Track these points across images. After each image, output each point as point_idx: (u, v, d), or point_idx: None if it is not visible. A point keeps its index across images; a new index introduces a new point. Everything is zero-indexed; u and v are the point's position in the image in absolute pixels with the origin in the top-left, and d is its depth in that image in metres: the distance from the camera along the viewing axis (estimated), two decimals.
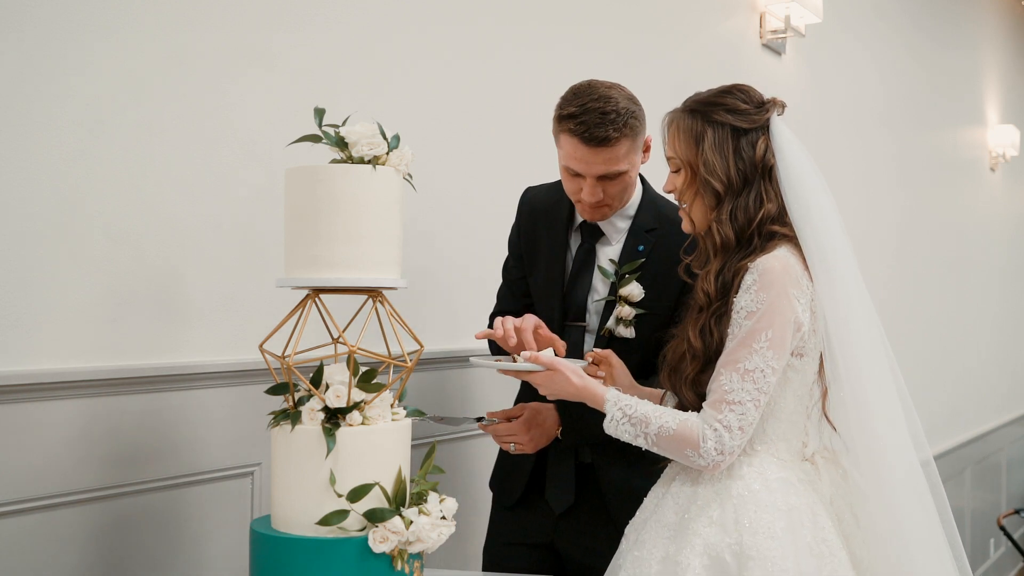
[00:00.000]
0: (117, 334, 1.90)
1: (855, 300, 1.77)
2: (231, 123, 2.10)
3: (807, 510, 1.72)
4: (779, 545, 1.66)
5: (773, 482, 1.73)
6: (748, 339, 1.69)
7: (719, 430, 1.69)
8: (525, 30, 2.89)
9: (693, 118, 1.82)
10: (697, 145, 1.80)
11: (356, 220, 1.70)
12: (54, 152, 1.81)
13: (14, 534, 1.74)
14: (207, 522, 2.04)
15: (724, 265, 1.77)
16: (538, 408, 2.12)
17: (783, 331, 1.70)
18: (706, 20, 3.77)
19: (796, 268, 1.73)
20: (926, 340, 5.76)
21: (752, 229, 1.76)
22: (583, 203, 2.11)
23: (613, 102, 2.02)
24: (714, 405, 1.71)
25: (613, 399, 1.77)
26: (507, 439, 2.13)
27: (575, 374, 1.81)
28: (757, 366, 1.69)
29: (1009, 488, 7.33)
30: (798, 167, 1.79)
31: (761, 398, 1.70)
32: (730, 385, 1.70)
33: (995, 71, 7.06)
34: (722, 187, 1.78)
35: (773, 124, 1.81)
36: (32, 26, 1.78)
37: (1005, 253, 7.34)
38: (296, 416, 1.70)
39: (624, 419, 1.75)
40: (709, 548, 1.68)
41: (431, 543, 1.69)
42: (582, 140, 2.01)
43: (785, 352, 1.71)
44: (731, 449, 1.69)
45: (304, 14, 2.25)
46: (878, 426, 1.74)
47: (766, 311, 1.69)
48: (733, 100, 1.81)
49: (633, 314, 2.09)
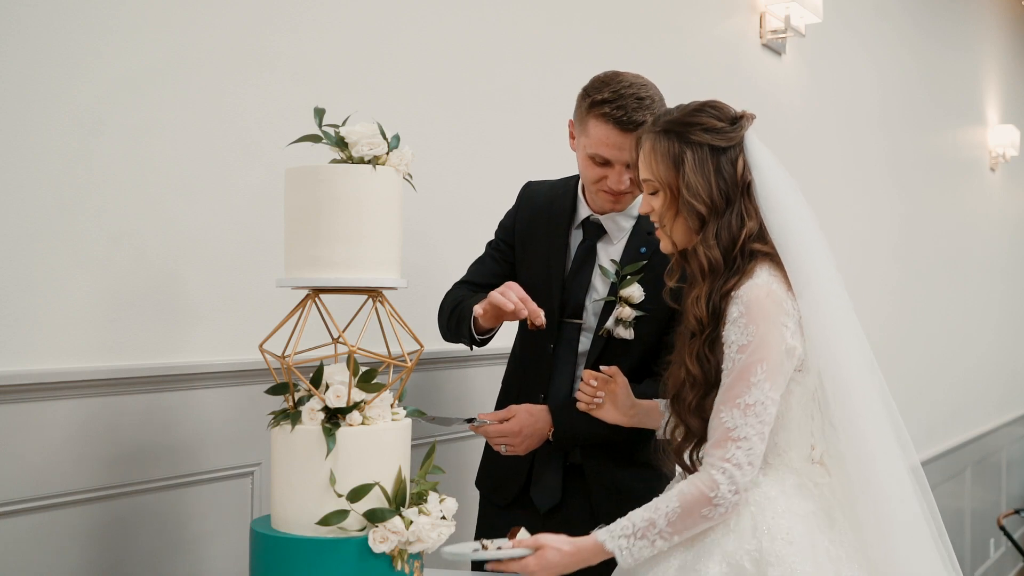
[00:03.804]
0: (117, 334, 1.90)
1: (839, 315, 1.75)
2: (231, 123, 2.10)
3: (823, 514, 1.71)
4: (798, 550, 1.64)
5: (790, 488, 1.72)
6: (744, 373, 1.66)
7: (729, 470, 1.66)
8: (525, 31, 2.89)
9: (669, 139, 1.77)
10: (677, 168, 1.76)
11: (356, 220, 1.70)
12: (54, 152, 1.81)
13: (14, 534, 1.74)
14: (207, 522, 2.05)
15: (712, 289, 1.74)
16: (530, 410, 2.11)
17: (777, 361, 1.67)
18: (706, 20, 3.76)
19: (779, 292, 1.70)
20: (926, 340, 5.76)
21: (736, 249, 1.73)
22: (606, 193, 2.10)
23: (646, 88, 2.03)
24: (719, 444, 1.67)
25: (609, 538, 1.69)
26: (498, 441, 2.12)
27: (561, 542, 1.71)
28: (757, 399, 1.66)
29: (1009, 488, 7.33)
30: (775, 182, 1.77)
31: (765, 430, 1.67)
32: (732, 422, 1.66)
33: (995, 71, 7.07)
34: (706, 209, 1.74)
35: (748, 139, 1.78)
36: (32, 26, 1.78)
37: (1005, 253, 7.34)
38: (296, 416, 1.70)
39: (633, 543, 1.67)
40: (727, 555, 1.66)
41: (431, 543, 1.69)
42: (617, 125, 2.00)
43: (782, 381, 1.69)
44: (744, 486, 1.66)
45: (304, 14, 2.25)
46: (866, 441, 1.72)
47: (758, 344, 1.66)
48: (708, 118, 1.77)
49: (633, 315, 2.08)
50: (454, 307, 2.18)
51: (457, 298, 2.20)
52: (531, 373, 2.21)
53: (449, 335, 2.22)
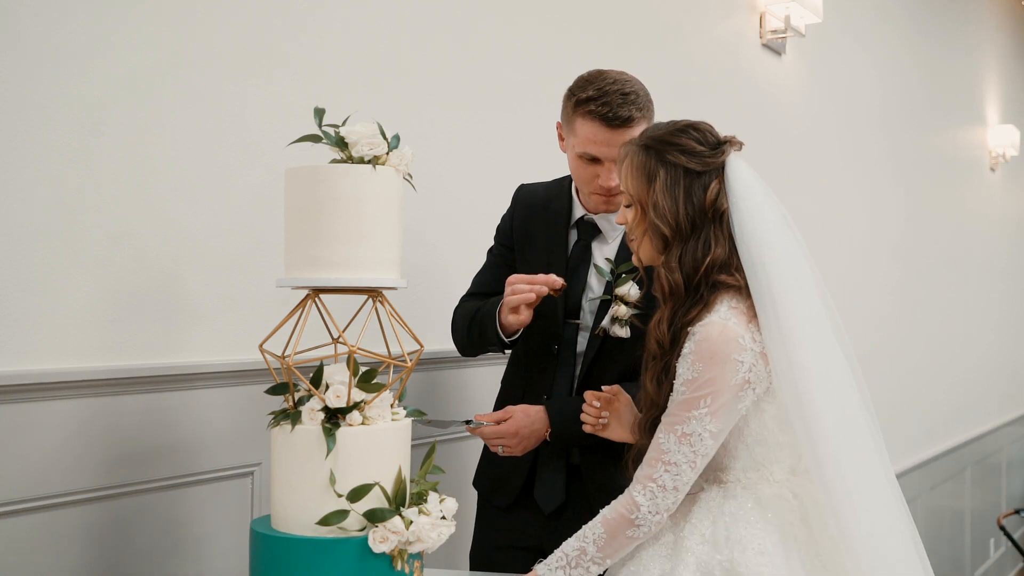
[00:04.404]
0: (117, 334, 1.90)
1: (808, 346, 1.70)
2: (231, 123, 2.10)
3: (801, 525, 1.71)
4: (769, 561, 1.65)
5: (766, 499, 1.72)
6: (687, 405, 1.67)
7: (653, 490, 1.68)
8: (525, 31, 2.89)
9: (647, 155, 1.75)
10: (649, 184, 1.74)
11: (356, 220, 1.70)
12: (54, 152, 1.81)
13: (14, 534, 1.74)
14: (207, 522, 2.05)
15: (675, 315, 1.73)
16: (527, 411, 2.11)
17: (727, 398, 1.67)
18: (706, 20, 3.77)
19: (736, 328, 1.67)
20: (926, 340, 5.76)
21: (699, 276, 1.71)
22: (597, 193, 2.10)
23: (630, 84, 2.05)
24: (650, 463, 1.70)
25: (547, 571, 1.71)
26: (496, 442, 2.12)
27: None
28: (695, 431, 1.67)
29: (1009, 488, 7.33)
30: (751, 212, 1.72)
31: (698, 460, 1.68)
32: (667, 446, 1.68)
33: (995, 71, 7.07)
34: (670, 232, 1.72)
35: (729, 165, 1.74)
36: (33, 26, 1.78)
37: (1005, 253, 7.34)
38: (296, 416, 1.70)
39: (571, 572, 1.70)
40: (701, 565, 1.67)
41: (431, 543, 1.69)
42: (604, 122, 2.01)
43: (728, 416, 1.68)
44: (666, 507, 1.68)
45: (304, 14, 2.25)
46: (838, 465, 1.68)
47: (704, 382, 1.66)
48: (688, 140, 1.74)
49: (629, 314, 2.08)
50: (471, 319, 2.18)
51: (470, 311, 2.20)
52: (535, 374, 2.21)
53: (471, 347, 2.23)
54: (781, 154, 4.20)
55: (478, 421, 2.11)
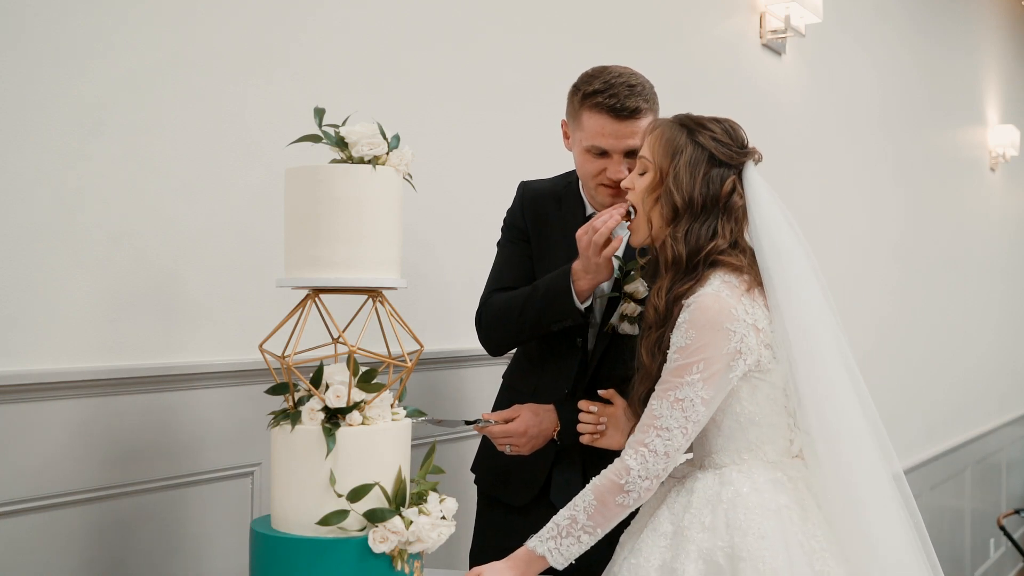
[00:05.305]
0: (117, 334, 1.90)
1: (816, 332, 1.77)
2: (231, 123, 2.10)
3: (796, 507, 1.74)
4: (769, 544, 1.68)
5: (762, 483, 1.75)
6: (680, 371, 1.72)
7: (644, 454, 1.71)
8: (525, 31, 2.89)
9: (680, 130, 1.83)
10: (673, 156, 1.81)
11: (356, 220, 1.70)
12: (54, 152, 1.81)
13: (14, 534, 1.74)
14: (207, 522, 2.05)
15: (672, 285, 1.79)
16: (535, 410, 2.10)
17: (720, 366, 1.71)
18: (706, 20, 3.77)
19: (728, 299, 1.74)
20: (926, 340, 5.76)
21: (700, 257, 1.78)
22: (605, 185, 2.09)
23: (636, 77, 2.07)
24: (642, 429, 1.73)
25: (538, 543, 1.73)
26: (503, 441, 2.11)
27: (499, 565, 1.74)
28: (687, 396, 1.70)
29: (1009, 488, 7.33)
30: (769, 215, 1.81)
31: (689, 427, 1.71)
32: (660, 411, 1.72)
33: (995, 71, 7.07)
34: (681, 204, 1.79)
35: (747, 171, 1.83)
36: (33, 26, 1.78)
37: (1005, 253, 7.34)
38: (296, 416, 1.70)
39: (560, 542, 1.71)
40: (703, 553, 1.70)
41: (431, 543, 1.69)
42: (611, 113, 2.02)
43: (719, 384, 1.72)
44: (655, 473, 1.71)
45: (304, 14, 2.25)
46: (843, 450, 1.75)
47: (697, 348, 1.71)
48: (721, 130, 1.83)
49: (638, 311, 2.07)
50: (522, 305, 2.11)
51: (515, 298, 2.14)
52: (552, 369, 2.18)
53: (522, 334, 2.16)
54: (781, 154, 4.20)
55: (486, 420, 2.10)
